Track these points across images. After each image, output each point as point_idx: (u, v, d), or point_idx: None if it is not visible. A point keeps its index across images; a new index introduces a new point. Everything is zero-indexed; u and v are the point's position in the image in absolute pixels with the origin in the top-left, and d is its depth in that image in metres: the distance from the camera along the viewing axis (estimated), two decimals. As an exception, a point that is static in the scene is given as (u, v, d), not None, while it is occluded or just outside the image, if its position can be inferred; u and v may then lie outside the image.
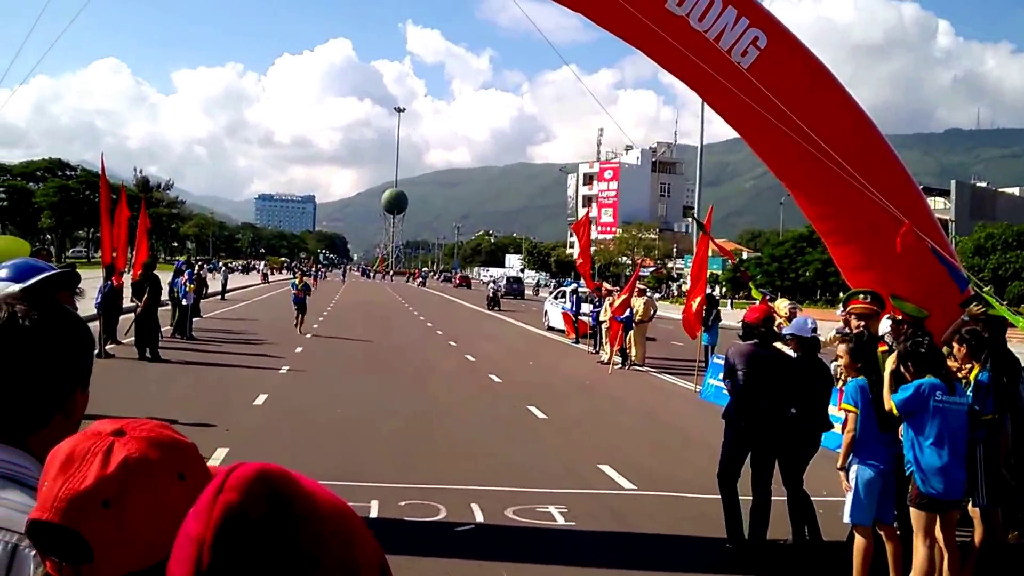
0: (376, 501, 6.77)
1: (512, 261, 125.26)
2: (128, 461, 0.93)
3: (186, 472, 0.97)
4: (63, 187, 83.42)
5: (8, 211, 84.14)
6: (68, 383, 1.29)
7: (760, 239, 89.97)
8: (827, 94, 7.32)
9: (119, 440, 0.95)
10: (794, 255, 60.62)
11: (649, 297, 19.81)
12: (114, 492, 0.92)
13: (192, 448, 1.01)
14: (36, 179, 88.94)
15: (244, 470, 0.81)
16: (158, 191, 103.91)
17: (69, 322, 1.31)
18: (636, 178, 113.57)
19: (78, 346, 1.31)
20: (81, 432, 0.98)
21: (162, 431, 0.99)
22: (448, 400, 12.48)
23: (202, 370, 14.29)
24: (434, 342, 22.38)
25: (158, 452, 0.96)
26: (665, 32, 6.93)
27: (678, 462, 9.10)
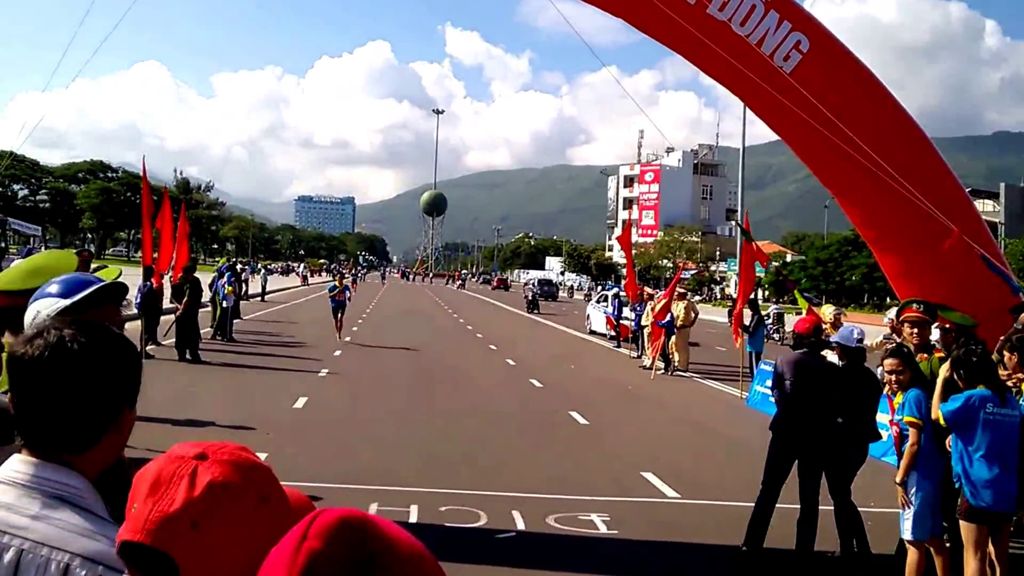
0: (415, 506, 6.78)
1: (552, 264, 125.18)
2: (213, 484, 0.97)
3: (268, 495, 1.02)
4: (105, 189, 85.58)
5: (50, 212, 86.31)
6: (116, 403, 1.31)
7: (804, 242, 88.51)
8: (872, 98, 7.15)
9: (202, 464, 0.99)
10: (839, 259, 59.52)
11: (690, 301, 19.54)
12: (201, 514, 0.96)
13: (269, 471, 1.04)
14: (77, 181, 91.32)
15: (327, 517, 0.84)
16: (198, 193, 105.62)
17: (116, 344, 1.34)
18: (677, 180, 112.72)
19: (125, 367, 1.33)
20: (165, 455, 1.02)
21: (242, 454, 1.03)
22: (488, 405, 12.46)
23: (242, 372, 14.46)
24: (474, 346, 22.41)
25: (240, 475, 1.00)
26: (706, 37, 6.84)
27: (723, 470, 8.95)
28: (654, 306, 17.65)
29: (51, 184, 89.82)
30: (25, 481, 1.25)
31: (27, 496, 1.24)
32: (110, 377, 1.30)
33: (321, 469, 7.77)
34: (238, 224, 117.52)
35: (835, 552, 6.10)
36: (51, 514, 1.22)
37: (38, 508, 1.23)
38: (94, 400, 1.28)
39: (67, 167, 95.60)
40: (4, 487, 1.25)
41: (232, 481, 0.98)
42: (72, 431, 1.28)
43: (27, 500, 1.23)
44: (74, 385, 1.27)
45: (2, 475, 1.27)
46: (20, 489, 1.25)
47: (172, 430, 8.89)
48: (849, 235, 55.80)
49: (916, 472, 5.29)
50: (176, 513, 0.96)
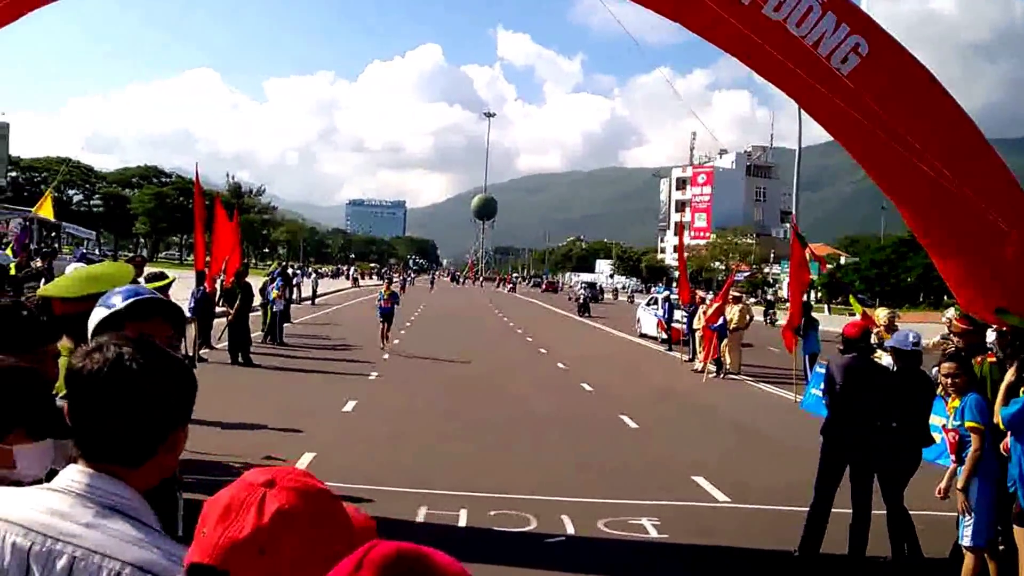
0: (465, 510, 6.84)
1: (603, 267, 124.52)
2: (281, 512, 1.02)
3: (331, 521, 1.07)
4: (157, 193, 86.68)
5: (104, 217, 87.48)
6: (169, 422, 1.36)
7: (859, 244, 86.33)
8: (932, 102, 6.99)
9: (270, 491, 1.04)
10: (895, 260, 57.96)
11: (745, 304, 19.28)
12: (268, 541, 1.01)
13: (333, 497, 1.10)
14: (131, 186, 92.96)
15: (381, 550, 0.87)
16: (250, 197, 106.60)
17: (172, 364, 1.39)
18: (730, 182, 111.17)
19: (179, 387, 1.38)
20: (237, 482, 1.09)
21: (307, 481, 1.09)
22: (538, 409, 12.48)
23: (292, 375, 14.73)
24: (524, 349, 22.47)
25: (306, 503, 1.05)
26: (760, 38, 6.77)
27: (775, 474, 8.84)
28: (706, 309, 17.48)
29: (105, 189, 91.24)
30: (80, 490, 1.30)
31: (81, 505, 1.28)
32: (164, 396, 1.35)
33: (371, 472, 7.87)
34: (289, 228, 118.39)
35: (887, 557, 6.01)
36: (104, 523, 1.27)
37: (91, 517, 1.27)
38: (147, 417, 1.33)
39: (121, 172, 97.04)
40: (60, 496, 1.30)
41: (297, 508, 1.03)
42: (125, 445, 1.32)
43: (81, 509, 1.28)
44: (129, 401, 1.31)
45: (59, 484, 1.32)
46: (75, 498, 1.29)
47: (222, 433, 9.05)
48: (905, 236, 54.26)
49: (976, 477, 5.18)
50: (245, 539, 1.01)
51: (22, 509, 1.28)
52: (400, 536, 3.78)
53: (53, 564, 1.23)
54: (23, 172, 79.33)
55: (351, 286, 60.25)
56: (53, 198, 21.66)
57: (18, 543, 1.25)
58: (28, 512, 1.28)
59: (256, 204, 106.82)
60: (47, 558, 1.24)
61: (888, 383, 6.22)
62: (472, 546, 6.05)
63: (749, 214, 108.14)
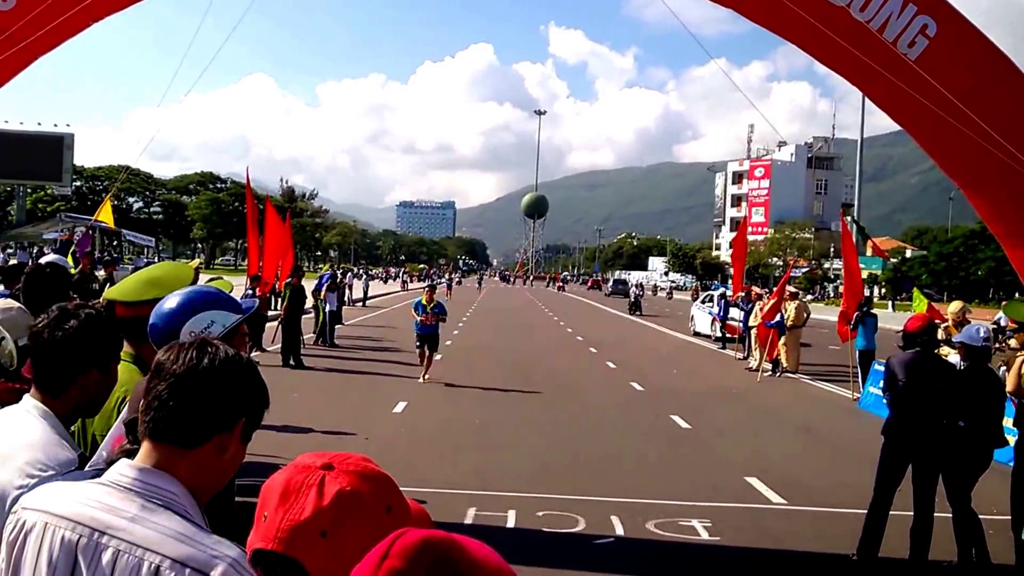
0: (513, 511, 6.78)
1: (656, 264, 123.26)
2: (342, 494, 1.01)
3: (392, 504, 1.05)
4: (214, 200, 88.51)
5: (163, 223, 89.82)
6: (228, 412, 1.40)
7: (927, 236, 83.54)
8: (1006, 84, 6.66)
9: (329, 474, 1.03)
10: (964, 253, 55.94)
11: (801, 301, 18.80)
12: (330, 523, 1.00)
13: (392, 481, 1.08)
14: (189, 192, 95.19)
15: (410, 537, 0.85)
16: (302, 201, 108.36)
17: (239, 363, 1.44)
18: (790, 175, 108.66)
19: (241, 383, 1.43)
20: (292, 465, 1.07)
21: (366, 464, 1.07)
22: (588, 409, 12.37)
23: (343, 377, 14.84)
24: (574, 348, 22.32)
25: (367, 485, 1.04)
26: (823, 24, 6.56)
27: (833, 475, 8.58)
28: (763, 306, 17.11)
29: (164, 196, 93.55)
30: (127, 484, 1.32)
31: (127, 499, 1.30)
32: (226, 386, 1.39)
33: (421, 473, 7.86)
34: (341, 231, 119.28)
35: (952, 561, 5.78)
36: (148, 517, 1.28)
37: (136, 510, 1.29)
38: (209, 400, 1.37)
39: (179, 179, 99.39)
40: (108, 489, 1.32)
41: (359, 490, 1.02)
42: (184, 423, 1.35)
43: (127, 503, 1.30)
44: (199, 386, 1.36)
45: (107, 478, 1.35)
46: (122, 492, 1.31)
47: (274, 436, 9.16)
48: (976, 228, 52.38)
49: None
50: (306, 522, 1.00)
51: (71, 504, 1.31)
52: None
53: (99, 558, 1.26)
54: (87, 181, 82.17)
55: (400, 289, 59.92)
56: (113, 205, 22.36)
57: (67, 537, 1.28)
58: (76, 507, 1.30)
59: (308, 208, 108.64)
60: (93, 552, 1.26)
61: (954, 380, 5.97)
62: (520, 547, 6.00)
63: (809, 208, 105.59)
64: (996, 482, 6.52)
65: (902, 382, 5.93)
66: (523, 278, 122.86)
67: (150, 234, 68.01)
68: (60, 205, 67.87)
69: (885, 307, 40.90)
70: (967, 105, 6.36)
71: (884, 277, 56.40)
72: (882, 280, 57.13)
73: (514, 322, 32.14)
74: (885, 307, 40.90)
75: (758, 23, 7.34)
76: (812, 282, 71.59)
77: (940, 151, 7.19)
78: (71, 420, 2.08)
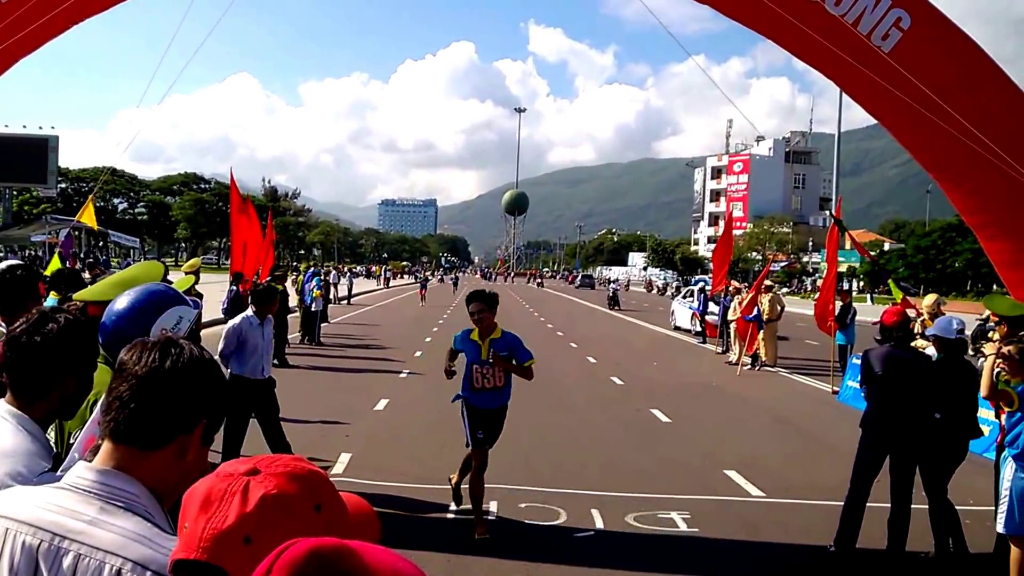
0: (495, 502, 6.82)
1: (636, 259, 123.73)
2: (266, 498, 0.98)
3: (323, 502, 1.01)
4: (197, 200, 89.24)
5: (148, 224, 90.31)
6: (190, 412, 1.37)
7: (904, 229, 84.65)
8: (979, 76, 6.72)
9: (254, 479, 1.00)
10: (942, 246, 56.61)
11: (775, 294, 18.94)
12: (255, 529, 0.97)
13: (325, 479, 1.04)
14: (172, 193, 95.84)
15: (296, 549, 0.82)
16: (285, 200, 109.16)
17: (203, 364, 1.41)
18: (768, 170, 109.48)
19: (204, 384, 1.40)
20: (214, 474, 1.03)
21: (297, 464, 1.03)
22: (569, 403, 12.40)
23: (326, 375, 14.78)
24: (554, 344, 22.33)
25: (295, 486, 1.00)
26: (798, 19, 6.59)
27: (811, 468, 8.66)
28: (741, 300, 17.23)
29: (148, 197, 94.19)
30: (87, 487, 1.30)
31: (86, 501, 1.28)
32: (196, 392, 1.37)
33: (403, 469, 7.90)
34: (323, 230, 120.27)
35: (929, 552, 5.85)
36: (108, 519, 1.26)
37: (96, 513, 1.27)
38: (170, 401, 1.34)
39: (163, 180, 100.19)
40: (68, 493, 1.30)
41: (285, 492, 0.99)
42: (146, 425, 1.33)
43: (86, 505, 1.28)
44: (160, 387, 1.34)
45: (67, 482, 1.32)
46: (81, 495, 1.29)
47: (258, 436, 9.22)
48: (953, 221, 53.03)
49: (1016, 465, 4.98)
50: (230, 529, 0.97)
51: (31, 509, 1.29)
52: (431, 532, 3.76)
53: (60, 562, 1.24)
54: (72, 183, 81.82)
55: (382, 287, 60.26)
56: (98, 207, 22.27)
57: (27, 542, 1.26)
58: (37, 511, 1.29)
59: (291, 207, 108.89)
60: (54, 556, 1.24)
61: (930, 373, 6.03)
62: (502, 539, 6.02)
63: (787, 202, 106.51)
64: (973, 473, 6.62)
65: (879, 375, 5.98)
66: (505, 275, 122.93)
67: (135, 235, 67.80)
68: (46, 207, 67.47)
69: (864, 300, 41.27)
70: (942, 98, 6.40)
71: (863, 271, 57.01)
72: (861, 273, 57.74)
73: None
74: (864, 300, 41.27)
75: (735, 19, 7.36)
76: (790, 276, 72.17)
77: (916, 144, 7.25)
78: (47, 424, 2.05)
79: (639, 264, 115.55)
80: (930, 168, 7.46)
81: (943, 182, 7.49)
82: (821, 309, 14.08)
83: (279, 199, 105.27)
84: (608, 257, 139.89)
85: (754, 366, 16.96)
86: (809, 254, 77.85)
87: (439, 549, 5.74)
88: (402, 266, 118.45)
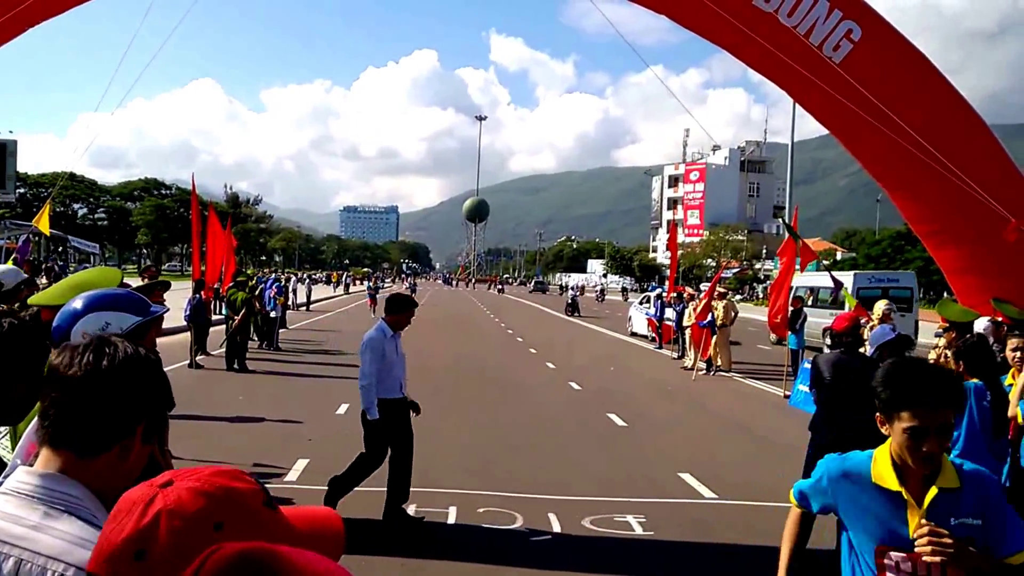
0: (454, 507, 6.85)
1: (595, 266, 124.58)
2: (161, 513, 0.94)
3: (226, 521, 0.96)
4: (158, 206, 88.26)
5: (108, 230, 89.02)
6: (130, 416, 1.33)
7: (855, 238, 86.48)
8: (927, 87, 6.90)
9: (162, 491, 0.97)
10: (892, 254, 58.15)
11: (730, 300, 19.27)
12: (146, 544, 0.93)
13: (244, 500, 0.99)
14: (133, 199, 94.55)
15: (223, 553, 0.80)
16: (247, 206, 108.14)
17: (149, 366, 1.38)
18: (724, 179, 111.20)
19: (143, 385, 1.36)
20: (141, 484, 1.01)
21: (212, 479, 0.99)
22: (528, 408, 12.44)
23: (286, 380, 14.67)
24: (515, 349, 22.42)
25: (198, 502, 0.96)
26: (752, 30, 6.72)
27: (762, 470, 8.81)
28: (696, 306, 17.48)
29: (108, 202, 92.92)
30: (28, 492, 1.27)
31: (28, 506, 1.26)
32: (136, 393, 1.34)
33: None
34: (285, 236, 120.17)
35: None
36: (51, 524, 1.24)
37: (38, 518, 1.24)
38: (109, 406, 1.31)
39: (123, 186, 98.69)
40: (8, 498, 1.27)
41: (184, 509, 0.95)
42: (85, 431, 1.30)
43: (28, 510, 1.25)
44: (97, 390, 1.31)
45: (7, 487, 1.30)
46: (22, 499, 1.27)
47: (217, 441, 9.11)
48: (902, 230, 54.45)
49: None
50: (124, 542, 0.94)
51: None
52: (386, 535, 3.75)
53: (0, 569, 1.21)
54: (31, 188, 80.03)
55: (343, 293, 59.91)
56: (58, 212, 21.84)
57: None
58: None
59: (253, 213, 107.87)
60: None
61: None
62: (460, 544, 6.04)
63: (742, 210, 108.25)
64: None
65: (827, 380, 6.09)
66: (466, 281, 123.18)
67: (95, 241, 66.32)
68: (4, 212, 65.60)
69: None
70: (890, 108, 6.56)
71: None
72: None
73: (455, 323, 32.11)
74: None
75: (691, 30, 7.48)
76: (742, 282, 73.30)
77: (865, 154, 7.43)
78: None
79: (598, 271, 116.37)
80: (879, 178, 7.64)
81: (891, 191, 7.68)
82: (772, 312, 14.41)
83: (240, 205, 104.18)
84: (568, 264, 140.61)
85: (709, 371, 17.22)
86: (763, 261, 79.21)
87: (394, 554, 5.74)
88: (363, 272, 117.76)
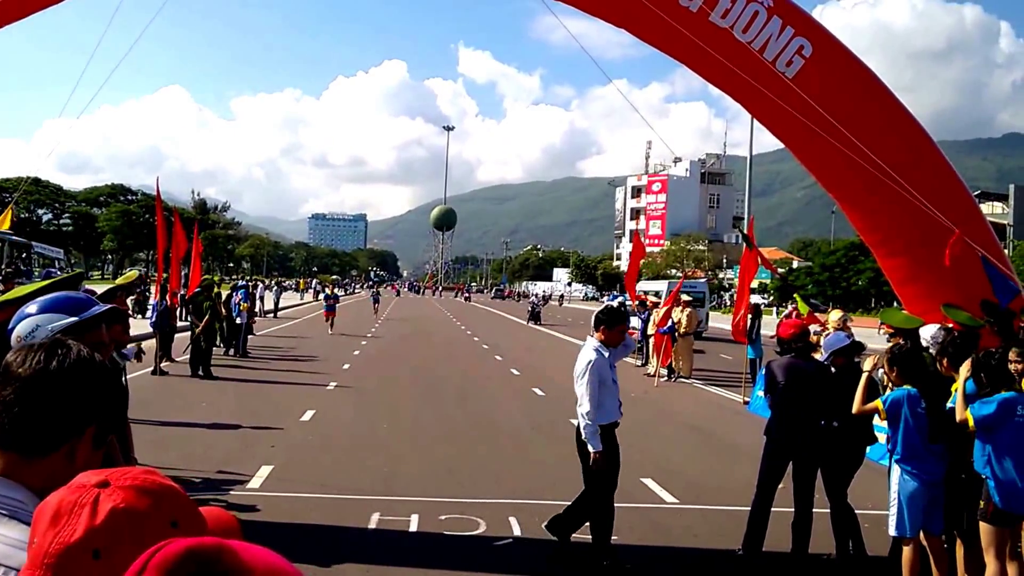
0: (416, 515, 6.85)
1: (560, 275, 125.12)
2: (116, 511, 0.93)
3: (179, 519, 0.97)
4: (125, 212, 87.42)
5: (73, 236, 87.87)
6: (77, 419, 1.33)
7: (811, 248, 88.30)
8: (875, 103, 7.15)
9: (104, 491, 0.95)
10: (846, 264, 59.45)
11: (693, 309, 19.55)
12: (104, 543, 0.92)
13: (180, 494, 1.00)
14: (99, 204, 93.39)
15: (171, 548, 0.79)
16: (214, 213, 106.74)
17: (96, 369, 1.37)
18: (685, 190, 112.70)
19: (96, 392, 1.35)
20: (66, 487, 0.99)
21: (148, 478, 0.99)
22: (492, 415, 12.51)
23: (252, 387, 14.56)
24: (480, 356, 22.47)
25: (147, 500, 0.96)
26: (709, 45, 6.88)
27: (722, 475, 8.98)
28: (656, 314, 17.72)
29: (74, 208, 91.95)
30: None
31: None
32: (85, 395, 1.33)
33: (325, 480, 7.86)
34: (253, 243, 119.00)
35: (831, 554, 6.13)
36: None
37: None
38: (56, 408, 1.30)
39: (89, 191, 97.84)
40: None
41: (136, 507, 0.94)
42: (31, 432, 1.29)
43: None
44: (43, 391, 1.31)
45: None
46: None
47: (181, 447, 9.04)
48: (856, 240, 55.70)
49: (901, 470, 5.30)
50: (78, 543, 0.92)
51: None
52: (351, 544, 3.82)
53: None
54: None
55: (312, 299, 59.48)
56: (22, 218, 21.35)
57: None
58: None
59: (221, 220, 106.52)
60: None
61: (829, 383, 6.28)
62: (423, 551, 6.05)
63: (703, 221, 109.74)
64: (871, 479, 6.99)
65: (781, 385, 6.22)
66: (433, 289, 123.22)
67: (60, 246, 64.88)
68: (-34, 219, 63.61)
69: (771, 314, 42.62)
70: (841, 122, 6.78)
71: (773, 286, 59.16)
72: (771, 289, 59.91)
73: (421, 330, 32.07)
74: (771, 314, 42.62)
75: (652, 45, 7.63)
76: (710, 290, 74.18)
77: (817, 166, 7.65)
78: None
79: (563, 279, 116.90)
80: (831, 189, 7.87)
81: (843, 203, 7.90)
82: (734, 320, 14.70)
83: (208, 212, 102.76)
84: (533, 272, 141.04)
85: (670, 378, 17.44)
86: (724, 270, 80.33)
87: (357, 560, 5.74)
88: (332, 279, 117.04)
